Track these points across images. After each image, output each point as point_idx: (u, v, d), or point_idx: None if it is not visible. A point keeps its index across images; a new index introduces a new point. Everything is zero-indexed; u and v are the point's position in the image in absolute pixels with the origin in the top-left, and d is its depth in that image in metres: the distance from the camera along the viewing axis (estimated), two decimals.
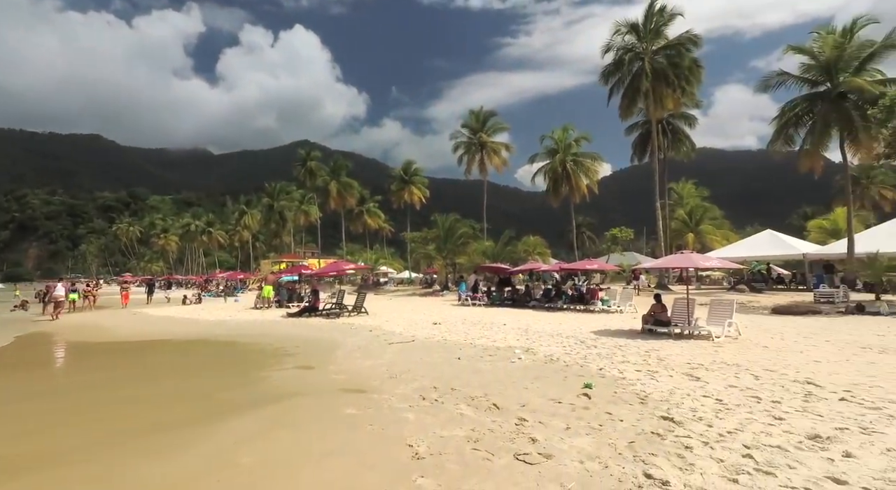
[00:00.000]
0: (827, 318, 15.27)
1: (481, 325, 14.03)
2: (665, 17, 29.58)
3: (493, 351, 9.34)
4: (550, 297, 21.10)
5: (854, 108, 24.04)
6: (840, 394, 5.46)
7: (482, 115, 47.20)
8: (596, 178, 38.57)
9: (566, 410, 5.18)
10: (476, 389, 6.27)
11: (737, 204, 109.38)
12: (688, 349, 9.03)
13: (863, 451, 3.70)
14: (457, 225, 38.79)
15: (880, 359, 7.73)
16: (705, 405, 5.12)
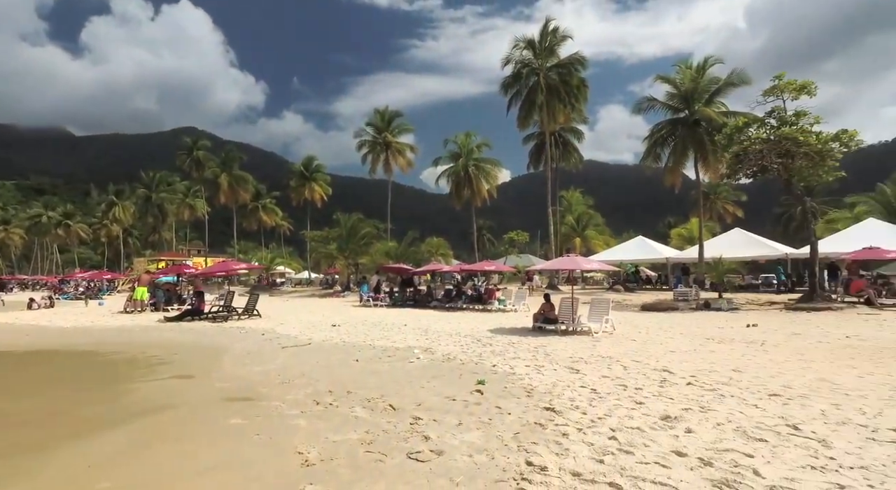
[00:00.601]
0: (682, 313, 17.63)
1: (382, 326, 13.95)
2: (558, 38, 32.04)
3: (393, 352, 9.35)
4: (451, 297, 21.66)
5: (705, 134, 28.16)
6: (687, 379, 6.36)
7: (388, 114, 47.02)
8: (496, 183, 40.53)
9: (459, 407, 5.37)
10: (373, 391, 6.23)
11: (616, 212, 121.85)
12: (571, 344, 9.86)
13: (700, 426, 4.36)
14: (360, 224, 38.15)
15: (718, 348, 9.15)
16: (582, 395, 5.64)
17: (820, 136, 18.55)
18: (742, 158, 20.06)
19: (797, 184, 20.03)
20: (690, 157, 29.12)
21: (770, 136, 19.39)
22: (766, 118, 20.01)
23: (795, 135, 18.49)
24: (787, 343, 9.57)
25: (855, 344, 9.29)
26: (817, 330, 11.73)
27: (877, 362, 7.39)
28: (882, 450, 3.74)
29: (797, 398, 5.31)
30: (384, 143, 45.76)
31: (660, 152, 30.01)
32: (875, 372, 6.68)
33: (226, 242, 74.23)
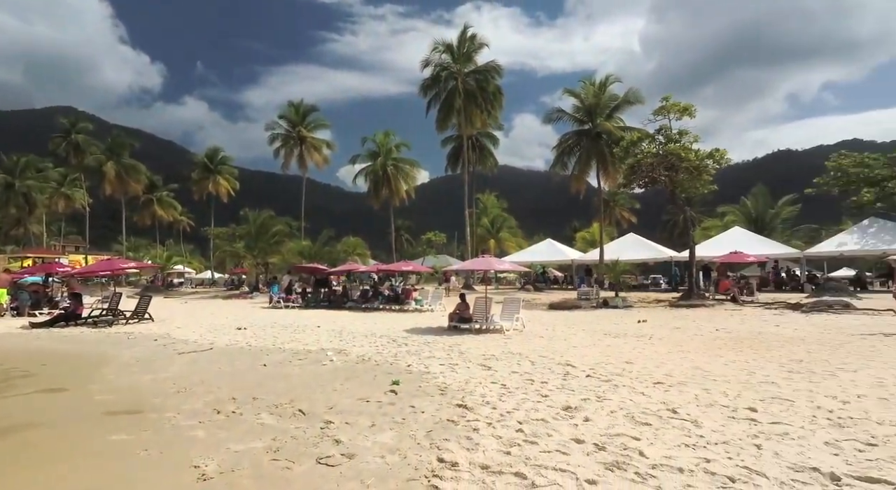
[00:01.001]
0: (584, 311, 19.03)
1: (293, 328, 13.37)
2: (475, 44, 33.01)
3: (304, 354, 9.00)
4: (368, 297, 21.36)
5: (606, 146, 30.68)
6: (587, 371, 6.88)
7: (302, 108, 45.21)
8: (414, 184, 40.70)
9: (373, 408, 5.32)
10: (281, 396, 5.95)
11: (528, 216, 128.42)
12: (484, 342, 10.21)
13: (596, 414, 4.75)
14: (271, 222, 36.22)
15: (614, 342, 10.02)
16: (492, 391, 5.86)
17: (698, 153, 21.07)
18: (636, 170, 22.16)
19: (679, 194, 22.57)
20: (593, 167, 31.56)
21: (659, 152, 21.68)
22: (655, 135, 22.32)
23: (679, 151, 20.82)
24: (669, 336, 10.73)
25: (722, 336, 10.67)
26: (693, 324, 13.29)
27: (738, 351, 8.56)
28: (739, 426, 4.34)
29: (676, 385, 5.98)
30: (298, 137, 43.91)
31: (567, 161, 32.17)
32: (736, 360, 7.74)
33: (112, 238, 66.38)
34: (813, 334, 10.67)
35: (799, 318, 14.52)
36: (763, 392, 5.57)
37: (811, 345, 9.15)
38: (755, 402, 5.10)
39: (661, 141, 21.95)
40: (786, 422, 4.43)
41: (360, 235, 55.65)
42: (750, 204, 36.97)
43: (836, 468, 3.37)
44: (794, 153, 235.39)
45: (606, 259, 28.09)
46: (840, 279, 24.34)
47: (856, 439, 3.95)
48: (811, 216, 37.77)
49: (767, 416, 4.65)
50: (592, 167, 31.37)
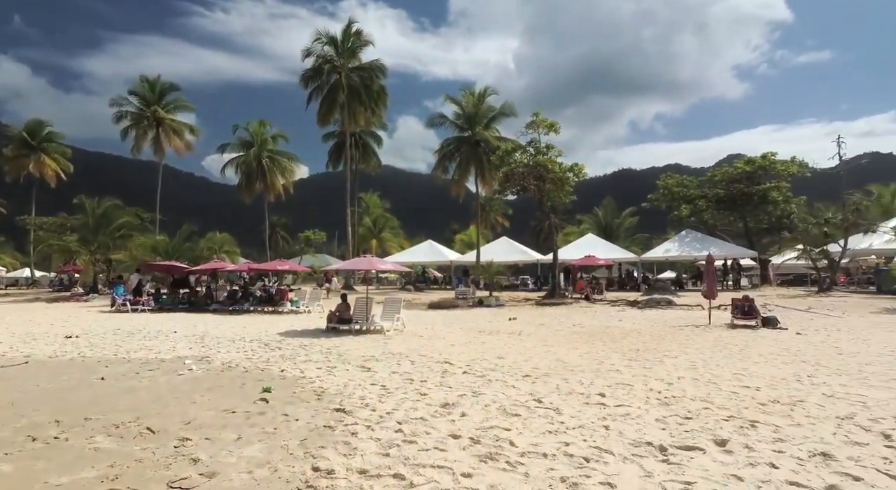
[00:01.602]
0: (462, 310, 19.84)
1: (143, 334, 11.69)
2: (361, 41, 32.46)
3: (156, 364, 7.91)
4: (236, 299, 19.60)
5: (483, 154, 32.47)
6: (464, 368, 7.18)
7: (160, 85, 39.90)
8: (292, 179, 38.49)
9: (240, 420, 4.88)
10: (124, 414, 5.14)
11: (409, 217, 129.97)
12: (364, 343, 10.04)
13: (472, 409, 4.97)
14: (115, 212, 31.23)
15: (488, 339, 10.62)
16: (372, 392, 5.78)
17: (562, 167, 23.43)
18: (510, 177, 23.87)
19: (546, 203, 24.84)
20: (472, 172, 33.13)
21: (529, 162, 23.62)
22: (527, 147, 24.27)
23: (547, 163, 22.93)
24: (536, 332, 11.72)
25: (578, 331, 11.98)
26: (556, 321, 14.70)
27: (590, 344, 9.68)
28: (592, 411, 4.91)
29: (541, 377, 6.54)
30: (154, 118, 38.57)
31: (448, 165, 33.29)
32: (589, 351, 8.75)
33: None
34: (646, 327, 12.52)
35: (636, 314, 16.92)
36: (610, 379, 6.37)
37: (644, 336, 10.72)
38: (604, 388, 5.81)
39: (532, 153, 23.95)
40: (627, 404, 5.12)
41: (229, 231, 50.88)
42: (601, 214, 42.21)
43: (663, 441, 3.98)
44: (634, 172, 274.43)
45: (482, 260, 29.65)
46: (665, 280, 28.96)
47: (677, 415, 4.73)
48: (647, 226, 44.47)
49: (614, 399, 5.33)
50: (471, 173, 32.88)
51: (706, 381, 6.14)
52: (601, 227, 39.16)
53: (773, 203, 27.67)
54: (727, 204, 29.64)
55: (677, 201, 32.25)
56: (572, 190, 24.57)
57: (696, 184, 32.07)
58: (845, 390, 5.62)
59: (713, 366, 7.16)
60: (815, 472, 3.38)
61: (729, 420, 4.53)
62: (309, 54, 31.19)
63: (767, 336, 10.39)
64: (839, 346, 8.80)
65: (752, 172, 28.50)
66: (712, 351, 8.54)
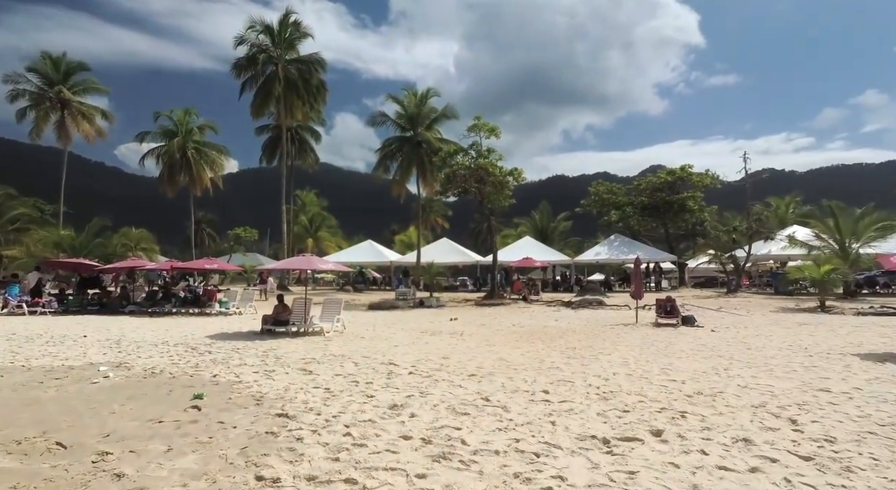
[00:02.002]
0: (403, 311, 19.70)
1: (45, 339, 10.46)
2: (299, 33, 31.33)
3: (63, 372, 7.09)
4: (156, 299, 18.10)
5: (425, 155, 32.52)
6: (409, 369, 7.11)
7: (66, 64, 35.95)
8: (221, 172, 36.25)
9: (169, 429, 4.49)
10: (28, 428, 4.55)
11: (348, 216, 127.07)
12: (303, 345, 9.65)
13: (421, 410, 4.93)
14: (9, 202, 27.68)
15: (431, 339, 10.62)
16: (316, 396, 5.56)
17: (502, 170, 24.01)
18: (451, 179, 24.08)
19: (486, 205, 25.34)
20: (414, 173, 33.03)
21: (471, 165, 23.97)
22: (469, 149, 24.61)
23: (488, 166, 23.39)
24: (477, 332, 11.88)
25: (518, 330, 12.31)
26: (496, 321, 15.01)
27: (530, 343, 9.98)
28: (538, 407, 5.04)
29: (487, 376, 6.63)
30: (58, 99, 34.68)
31: (389, 165, 32.96)
32: (530, 350, 9.01)
33: None
34: (580, 326, 13.13)
35: (571, 314, 17.70)
36: (552, 376, 6.59)
37: (579, 335, 11.24)
38: (547, 385, 6.00)
39: (473, 156, 24.33)
40: (570, 400, 5.32)
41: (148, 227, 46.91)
42: (537, 218, 43.82)
43: (605, 433, 4.17)
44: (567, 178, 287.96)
45: (423, 261, 29.67)
46: (595, 282, 30.61)
47: (616, 408, 4.98)
48: (578, 230, 46.76)
49: (557, 396, 5.51)
50: (413, 173, 32.79)
51: (638, 377, 6.53)
52: (537, 231, 40.63)
53: (690, 211, 30.19)
54: (651, 211, 31.91)
55: (607, 207, 34.22)
56: (511, 193, 25.23)
57: (624, 191, 34.24)
58: (756, 381, 6.22)
59: (643, 362, 7.64)
60: (739, 456, 3.69)
61: (661, 412, 4.84)
62: (242, 42, 29.56)
63: (687, 333, 11.27)
64: (747, 342, 9.73)
65: (673, 182, 30.91)
66: (641, 348, 9.11)
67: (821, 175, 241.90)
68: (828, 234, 19.72)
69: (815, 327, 12.16)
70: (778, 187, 45.84)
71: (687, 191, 30.55)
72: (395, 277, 36.43)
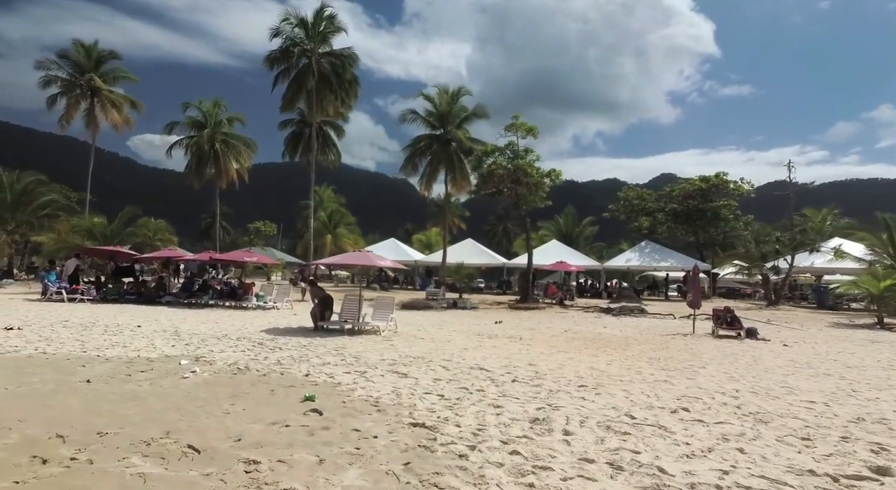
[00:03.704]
0: (437, 312, 19.28)
1: (101, 328, 10.16)
2: (333, 26, 30.97)
3: (144, 364, 6.74)
4: (192, 291, 17.82)
5: (455, 153, 32.11)
6: (506, 376, 6.68)
7: (97, 52, 35.90)
8: (248, 165, 36.04)
9: (303, 436, 4.10)
10: (147, 427, 4.18)
11: (357, 214, 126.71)
12: (369, 344, 9.26)
13: (572, 426, 4.50)
14: (39, 189, 27.56)
15: (495, 343, 10.18)
16: (436, 404, 5.14)
17: (539, 171, 23.55)
18: (488, 179, 23.65)
19: (521, 206, 24.86)
20: (442, 171, 32.59)
21: (508, 165, 23.53)
22: (505, 149, 24.16)
23: (526, 167, 22.94)
24: (536, 337, 11.42)
25: (574, 336, 11.82)
26: (542, 325, 14.53)
27: (602, 351, 9.49)
28: (699, 429, 4.59)
29: (598, 387, 6.19)
30: (89, 87, 34.62)
31: (418, 163, 32.57)
32: (613, 359, 8.54)
33: None
34: (637, 335, 12.60)
35: (614, 321, 17.19)
36: (670, 390, 6.12)
37: (645, 344, 10.69)
38: (676, 401, 5.54)
39: (510, 156, 23.88)
40: (725, 421, 4.82)
41: (158, 218, 46.85)
42: (561, 222, 43.24)
43: (820, 468, 3.62)
44: (576, 184, 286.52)
45: (453, 262, 29.23)
46: (630, 288, 29.90)
47: (791, 435, 4.46)
48: (599, 235, 46.07)
49: (705, 415, 5.05)
50: (441, 171, 32.37)
51: (765, 395, 6.03)
52: (561, 235, 40.04)
53: (724, 220, 29.55)
54: (684, 218, 31.29)
55: (636, 213, 33.64)
56: (546, 195, 24.73)
57: (654, 197, 33.64)
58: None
59: (750, 378, 7.14)
60: None
61: (848, 441, 4.27)
62: (277, 34, 29.30)
63: (759, 347, 10.75)
64: (838, 359, 9.20)
65: (707, 190, 30.29)
66: (730, 362, 8.61)
67: (835, 188, 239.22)
68: (881, 247, 19.09)
69: (890, 345, 11.61)
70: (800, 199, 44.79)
71: (721, 199, 29.92)
72: (418, 277, 36.05)
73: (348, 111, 33.83)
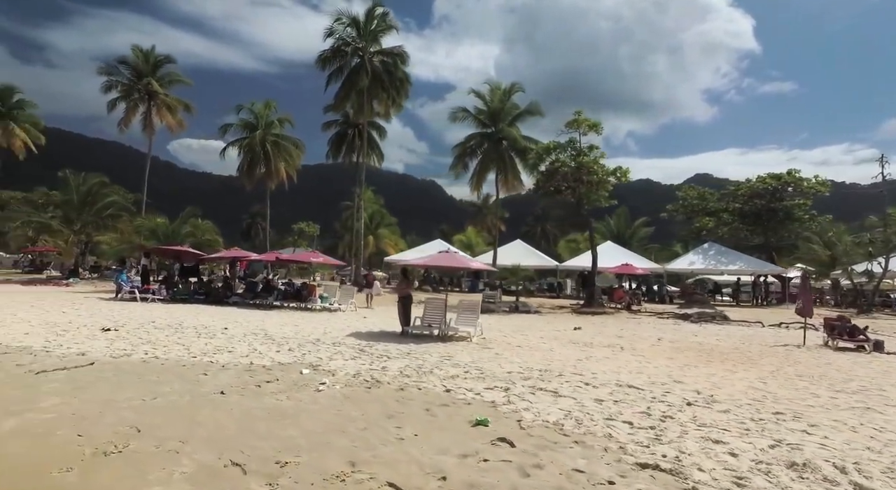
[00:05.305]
0: (500, 315, 18.30)
1: (191, 330, 9.84)
2: (386, 24, 30.64)
3: (264, 373, 6.23)
4: (256, 292, 17.63)
5: (506, 152, 31.28)
6: (668, 397, 5.84)
7: (154, 57, 36.86)
8: (296, 166, 36.21)
9: (516, 476, 3.40)
10: (325, 455, 3.58)
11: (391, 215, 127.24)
12: (475, 353, 8.57)
13: (828, 469, 3.65)
14: (103, 190, 28.26)
15: (603, 353, 9.32)
16: (633, 433, 4.37)
17: (604, 169, 22.45)
18: (550, 177, 22.70)
19: (584, 205, 23.75)
20: (492, 171, 31.81)
21: (571, 163, 22.52)
22: (566, 146, 23.15)
23: (591, 164, 21.89)
24: (636, 346, 10.47)
25: (671, 345, 10.80)
26: (627, 332, 13.52)
27: (710, 363, 8.49)
28: None
29: (794, 417, 5.27)
30: (146, 91, 35.54)
31: (468, 162, 31.93)
32: (745, 376, 7.54)
33: None
34: (736, 344, 11.38)
35: (695, 328, 15.93)
36: (833, 414, 5.16)
37: (764, 357, 9.52)
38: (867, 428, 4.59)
39: (572, 153, 22.86)
40: None
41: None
42: (612, 223, 41.63)
43: None
44: None
45: (505, 264, 28.38)
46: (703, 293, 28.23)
47: None
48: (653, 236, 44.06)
49: None
50: (492, 171, 31.61)
51: None
52: (613, 236, 38.48)
53: (798, 220, 27.62)
54: (752, 218, 29.47)
55: (696, 213, 31.96)
56: (607, 194, 23.56)
57: (717, 197, 31.89)
58: None
59: None
60: None
61: None
62: (330, 34, 29.22)
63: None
64: None
65: (777, 188, 28.42)
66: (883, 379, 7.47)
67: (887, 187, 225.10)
68: None
69: None
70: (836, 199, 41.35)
71: (794, 198, 27.98)
72: (466, 278, 35.33)
73: (398, 110, 33.46)
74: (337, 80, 29.87)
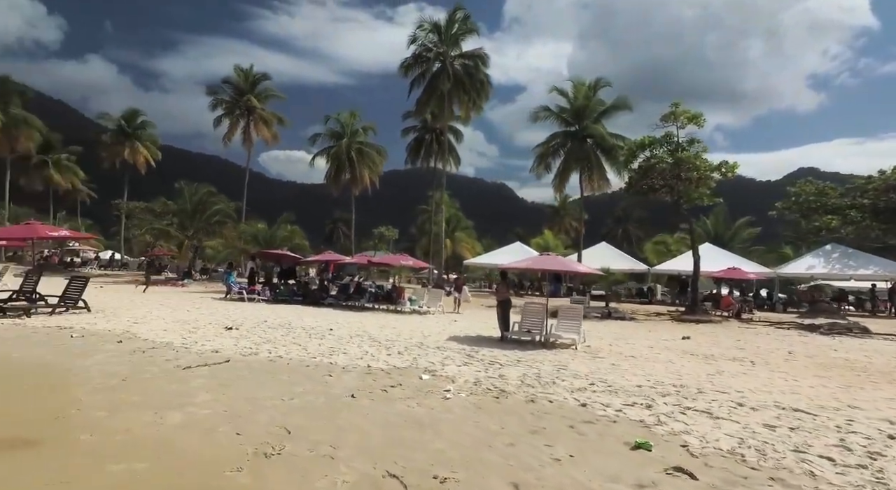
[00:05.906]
0: (594, 321, 17.30)
1: (300, 330, 10.21)
2: (467, 27, 30.63)
3: (384, 376, 6.18)
4: (349, 294, 18.20)
5: (592, 150, 29.89)
6: (832, 425, 4.94)
7: (252, 75, 39.89)
8: (379, 172, 37.40)
9: None
10: (485, 474, 3.31)
11: None
12: (588, 363, 7.99)
13: None
14: (211, 199, 30.99)
15: (725, 367, 8.28)
16: (844, 473, 3.66)
17: (706, 164, 20.55)
18: (647, 173, 21.18)
19: (682, 203, 21.91)
20: (576, 171, 30.55)
21: (669, 159, 20.88)
22: (663, 141, 21.50)
23: (693, 160, 20.15)
24: (764, 360, 9.24)
25: (814, 361, 9.38)
26: (748, 344, 12.08)
27: (877, 385, 7.14)
28: None
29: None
30: (246, 107, 38.56)
31: (550, 162, 30.96)
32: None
33: None
34: (890, 362, 9.71)
35: (829, 341, 13.99)
36: None
37: None
38: None
39: (669, 148, 21.23)
40: None
41: None
42: (709, 223, 38.34)
43: None
44: None
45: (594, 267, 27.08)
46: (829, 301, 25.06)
47: None
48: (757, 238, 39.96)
49: None
50: (575, 170, 30.39)
51: None
52: (710, 237, 35.38)
53: None
54: (887, 215, 25.61)
55: (814, 211, 28.40)
56: (709, 191, 21.52)
57: (841, 193, 28.14)
58: None
59: None
60: None
61: None
62: (413, 41, 29.83)
63: None
64: None
65: None
66: None
67: None
68: None
69: None
70: None
71: None
72: (547, 282, 34.27)
73: (479, 112, 33.29)
74: (419, 86, 30.36)
